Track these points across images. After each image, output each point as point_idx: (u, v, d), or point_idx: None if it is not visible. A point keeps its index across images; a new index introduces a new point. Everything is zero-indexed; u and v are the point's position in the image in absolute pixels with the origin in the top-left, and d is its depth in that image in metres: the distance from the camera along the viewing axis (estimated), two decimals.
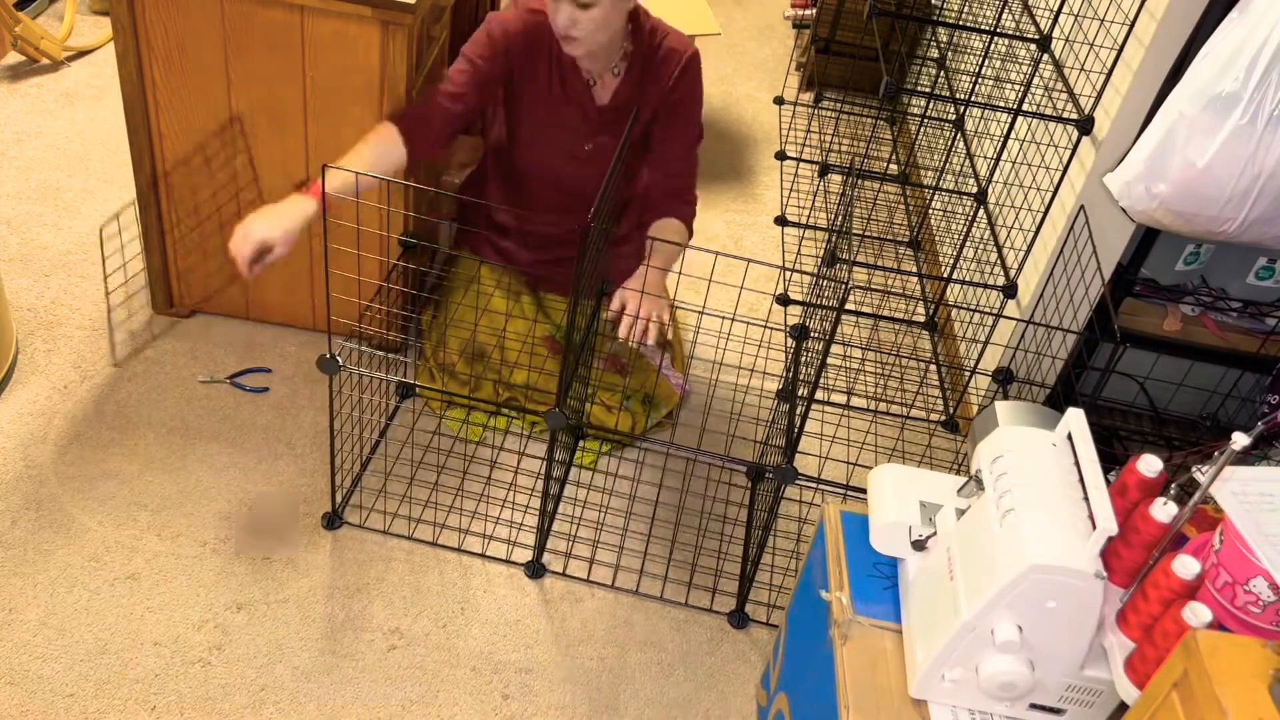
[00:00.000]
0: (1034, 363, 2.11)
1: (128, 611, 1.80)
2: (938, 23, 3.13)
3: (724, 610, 1.96)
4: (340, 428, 2.01)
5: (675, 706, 1.81)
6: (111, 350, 2.26)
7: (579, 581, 1.98)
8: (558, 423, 1.71)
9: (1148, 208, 1.78)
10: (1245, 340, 2.19)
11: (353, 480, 2.07)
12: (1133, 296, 2.18)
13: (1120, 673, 1.22)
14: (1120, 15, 1.97)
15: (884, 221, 3.17)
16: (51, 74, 3.16)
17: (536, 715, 1.76)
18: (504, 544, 2.01)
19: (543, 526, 1.96)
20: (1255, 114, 1.63)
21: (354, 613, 1.86)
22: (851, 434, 2.36)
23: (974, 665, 1.28)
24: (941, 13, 3.27)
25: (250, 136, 2.12)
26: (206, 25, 1.99)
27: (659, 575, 2.01)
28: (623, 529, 2.08)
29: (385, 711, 1.73)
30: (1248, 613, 1.13)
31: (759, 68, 3.92)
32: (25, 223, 2.58)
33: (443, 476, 2.12)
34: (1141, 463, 1.25)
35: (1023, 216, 2.37)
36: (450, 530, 2.02)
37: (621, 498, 2.15)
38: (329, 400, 1.85)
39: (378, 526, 2.00)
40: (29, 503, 1.94)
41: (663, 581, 2.00)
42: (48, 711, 1.65)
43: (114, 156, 2.84)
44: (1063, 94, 2.20)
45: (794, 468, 1.71)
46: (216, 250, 2.28)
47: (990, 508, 1.29)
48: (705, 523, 2.13)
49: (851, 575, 1.49)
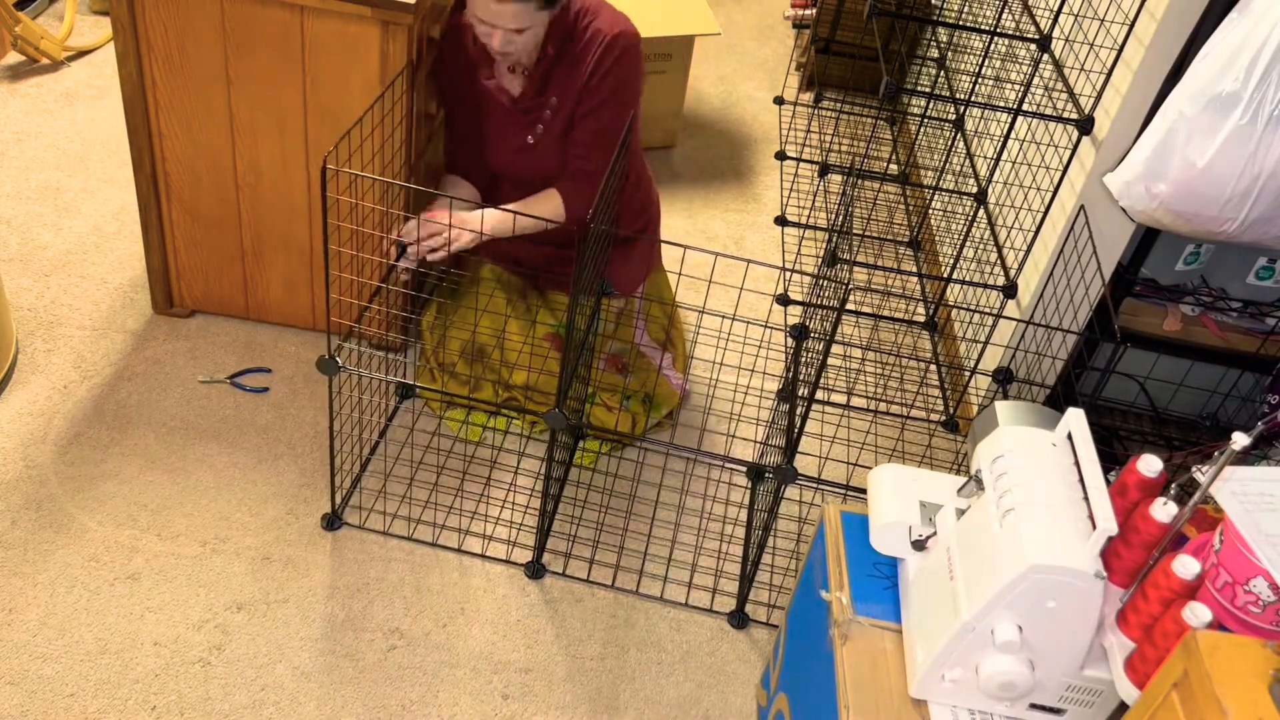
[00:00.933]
0: (1034, 363, 2.11)
1: (128, 611, 1.80)
2: (938, 23, 3.13)
3: (724, 610, 1.96)
4: (340, 428, 2.01)
5: (675, 706, 1.81)
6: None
7: (579, 581, 1.98)
8: (558, 423, 1.71)
9: (1148, 208, 1.78)
10: (1245, 340, 2.19)
11: (352, 481, 2.07)
12: (1133, 296, 2.18)
13: (1120, 673, 1.22)
14: (1120, 15, 1.97)
15: (884, 221, 3.17)
16: (51, 74, 3.16)
17: (536, 715, 1.76)
18: (504, 544, 2.01)
19: (543, 527, 1.96)
20: (1255, 114, 1.63)
21: (354, 613, 1.86)
22: (851, 434, 2.36)
23: (974, 665, 1.28)
24: (941, 13, 3.27)
25: (250, 136, 2.12)
26: (206, 25, 1.99)
27: (659, 575, 2.01)
28: (623, 529, 2.08)
29: (385, 711, 1.73)
30: (1248, 613, 1.13)
31: (759, 68, 3.92)
32: (25, 223, 2.58)
33: (442, 477, 2.12)
34: (1141, 463, 1.25)
35: (1023, 216, 2.37)
36: (450, 530, 2.02)
37: (622, 498, 2.15)
38: (329, 401, 1.85)
39: (377, 527, 2.00)
40: (29, 503, 1.94)
41: (663, 582, 2.00)
42: (48, 711, 1.65)
43: (114, 156, 2.84)
44: (1063, 94, 2.20)
45: (794, 468, 1.71)
46: (217, 250, 2.28)
47: (990, 508, 1.29)
48: (705, 523, 2.13)
49: (851, 575, 1.49)
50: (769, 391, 2.43)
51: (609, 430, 2.17)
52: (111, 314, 2.37)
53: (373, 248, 2.09)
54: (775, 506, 1.83)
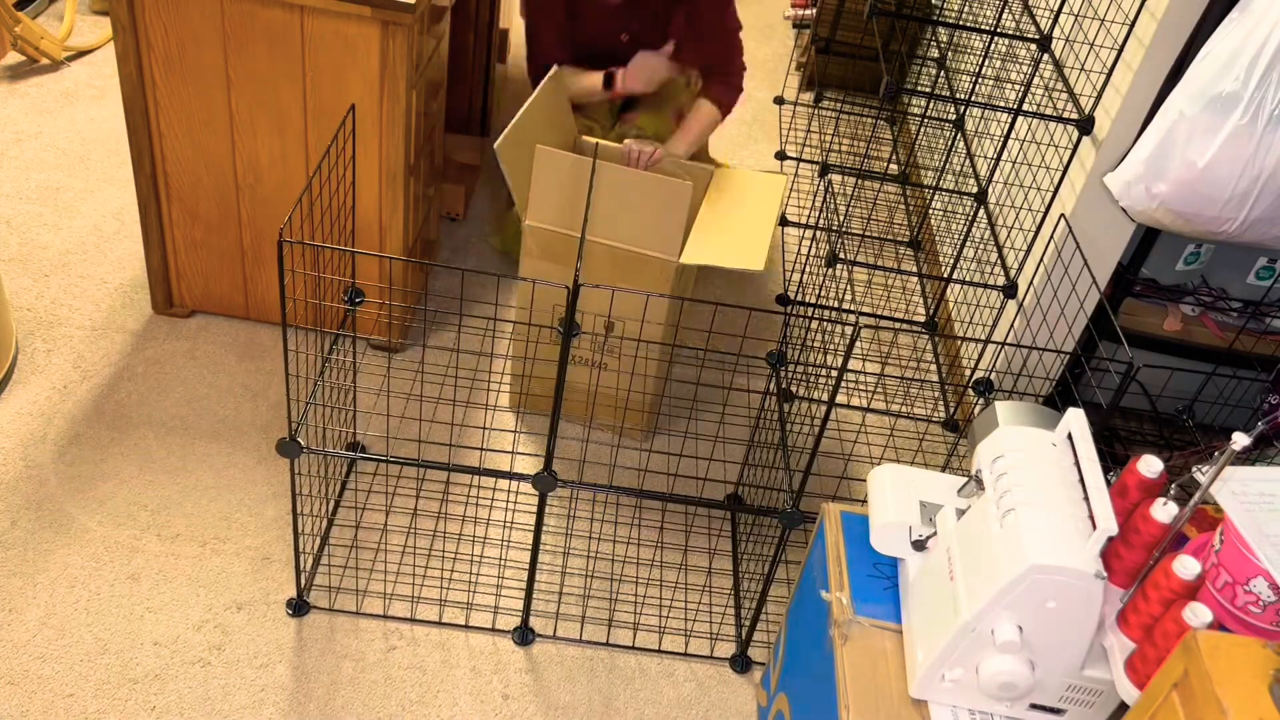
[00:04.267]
0: (1034, 362, 2.11)
1: (128, 611, 1.80)
2: (938, 23, 3.13)
3: (724, 656, 1.96)
4: (301, 509, 1.82)
5: (675, 707, 1.81)
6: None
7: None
8: (547, 486, 1.66)
9: (1148, 208, 1.78)
10: (1245, 340, 2.19)
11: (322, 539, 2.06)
12: (1133, 296, 2.18)
13: (1120, 673, 1.22)
14: (1120, 15, 1.97)
15: (884, 221, 3.17)
16: (51, 74, 3.16)
17: (536, 715, 1.76)
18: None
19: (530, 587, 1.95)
20: (1255, 114, 1.63)
21: (354, 612, 1.86)
22: (850, 434, 2.36)
23: (974, 665, 1.28)
24: (941, 13, 3.27)
25: (250, 136, 2.12)
26: (206, 25, 1.99)
27: (653, 628, 2.01)
28: (614, 577, 2.08)
29: (385, 711, 1.73)
30: (1248, 613, 1.13)
31: (759, 68, 3.91)
32: (25, 223, 2.58)
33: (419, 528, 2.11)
34: (1142, 463, 1.25)
35: (1023, 216, 2.37)
36: (428, 602, 2.02)
37: (621, 498, 2.15)
38: (291, 484, 1.70)
39: (356, 595, 1.99)
40: (29, 503, 1.94)
41: (659, 634, 2.00)
42: (48, 711, 1.65)
43: (114, 156, 2.84)
44: (1063, 94, 2.20)
45: (799, 511, 1.65)
46: (217, 250, 2.28)
47: (990, 508, 1.29)
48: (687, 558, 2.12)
49: (851, 575, 1.49)
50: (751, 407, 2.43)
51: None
52: (111, 314, 2.37)
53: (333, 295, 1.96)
54: (779, 554, 1.74)
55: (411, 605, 1.88)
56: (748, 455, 2.17)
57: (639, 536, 2.08)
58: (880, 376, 2.57)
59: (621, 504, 2.13)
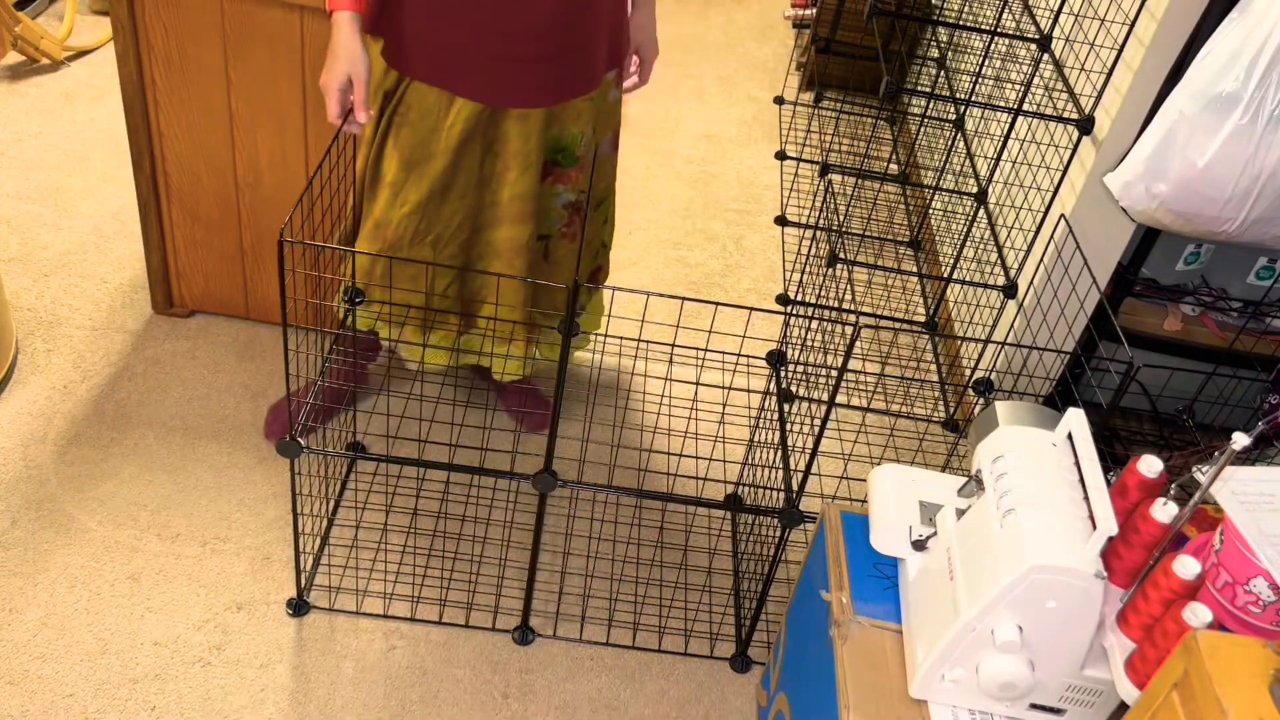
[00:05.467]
0: (1034, 362, 2.11)
1: (128, 611, 1.80)
2: (938, 22, 3.13)
3: (724, 656, 1.96)
4: (301, 509, 1.83)
5: (675, 706, 1.81)
6: None
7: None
8: (546, 487, 1.65)
9: (1148, 208, 1.78)
10: (1245, 340, 2.19)
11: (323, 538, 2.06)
12: (1133, 296, 2.18)
13: (1120, 673, 1.22)
14: (1120, 15, 1.97)
15: (884, 221, 3.17)
16: (51, 74, 3.16)
17: (536, 715, 1.76)
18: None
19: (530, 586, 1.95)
20: (1255, 114, 1.63)
21: (354, 612, 1.86)
22: (850, 434, 2.36)
23: (974, 665, 1.28)
24: (941, 13, 3.27)
25: (250, 136, 2.12)
26: (206, 25, 1.99)
27: (653, 628, 2.01)
28: (615, 577, 2.09)
29: (385, 711, 1.73)
30: (1248, 613, 1.13)
31: (759, 68, 3.91)
32: (25, 223, 2.58)
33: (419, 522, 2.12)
34: (1142, 463, 1.25)
35: (1023, 216, 2.37)
36: (421, 590, 2.02)
37: (621, 498, 2.15)
38: (291, 484, 1.70)
39: (358, 593, 1.99)
40: (29, 503, 1.94)
41: (659, 634, 2.00)
42: (48, 711, 1.65)
43: (114, 156, 2.84)
44: (1063, 94, 2.20)
45: (799, 510, 1.64)
46: (217, 250, 2.28)
47: (990, 508, 1.29)
48: (687, 557, 2.13)
49: (851, 575, 1.49)
50: (752, 407, 2.43)
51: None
52: (111, 314, 2.37)
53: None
54: (779, 555, 1.72)
55: (412, 605, 1.88)
56: (748, 455, 2.17)
57: (639, 536, 2.08)
58: (880, 376, 2.57)
59: (621, 504, 2.13)
